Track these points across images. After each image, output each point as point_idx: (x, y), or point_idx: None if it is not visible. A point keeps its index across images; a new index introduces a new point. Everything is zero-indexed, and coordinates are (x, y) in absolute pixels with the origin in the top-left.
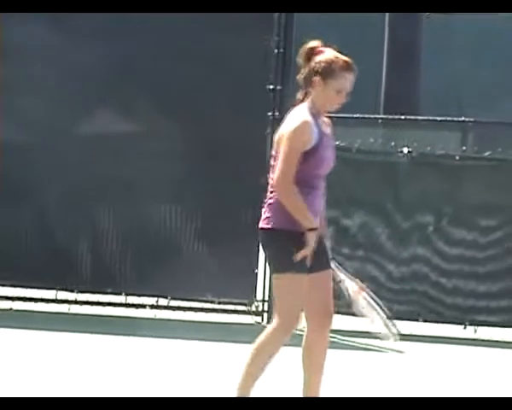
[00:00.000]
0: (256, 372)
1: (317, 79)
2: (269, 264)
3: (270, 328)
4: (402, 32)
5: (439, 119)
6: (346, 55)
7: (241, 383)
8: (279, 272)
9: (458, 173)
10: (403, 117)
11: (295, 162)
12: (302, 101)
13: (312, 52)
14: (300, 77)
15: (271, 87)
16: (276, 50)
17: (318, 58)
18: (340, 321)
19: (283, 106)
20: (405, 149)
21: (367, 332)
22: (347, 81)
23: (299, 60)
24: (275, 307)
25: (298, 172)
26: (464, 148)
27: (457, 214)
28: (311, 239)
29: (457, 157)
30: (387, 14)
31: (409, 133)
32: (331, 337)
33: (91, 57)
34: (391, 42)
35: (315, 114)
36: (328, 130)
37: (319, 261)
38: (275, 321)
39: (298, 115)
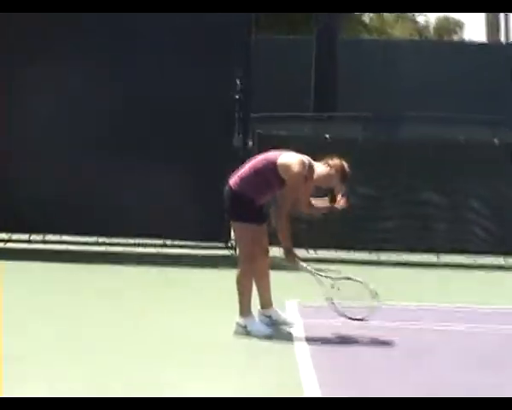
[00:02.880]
0: (246, 294)
1: (332, 171)
2: (228, 213)
3: (240, 263)
4: (325, 64)
5: (347, 115)
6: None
7: (240, 308)
8: (242, 222)
9: (360, 149)
10: (325, 115)
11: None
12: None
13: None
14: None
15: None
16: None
17: (345, 166)
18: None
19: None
20: (327, 135)
21: None
22: (338, 185)
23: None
24: (239, 249)
25: (274, 183)
26: (364, 133)
27: (360, 177)
28: (288, 259)
29: (360, 139)
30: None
31: (329, 124)
32: None
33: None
34: (317, 71)
35: (311, 168)
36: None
37: (262, 218)
38: (240, 257)
39: (304, 159)
